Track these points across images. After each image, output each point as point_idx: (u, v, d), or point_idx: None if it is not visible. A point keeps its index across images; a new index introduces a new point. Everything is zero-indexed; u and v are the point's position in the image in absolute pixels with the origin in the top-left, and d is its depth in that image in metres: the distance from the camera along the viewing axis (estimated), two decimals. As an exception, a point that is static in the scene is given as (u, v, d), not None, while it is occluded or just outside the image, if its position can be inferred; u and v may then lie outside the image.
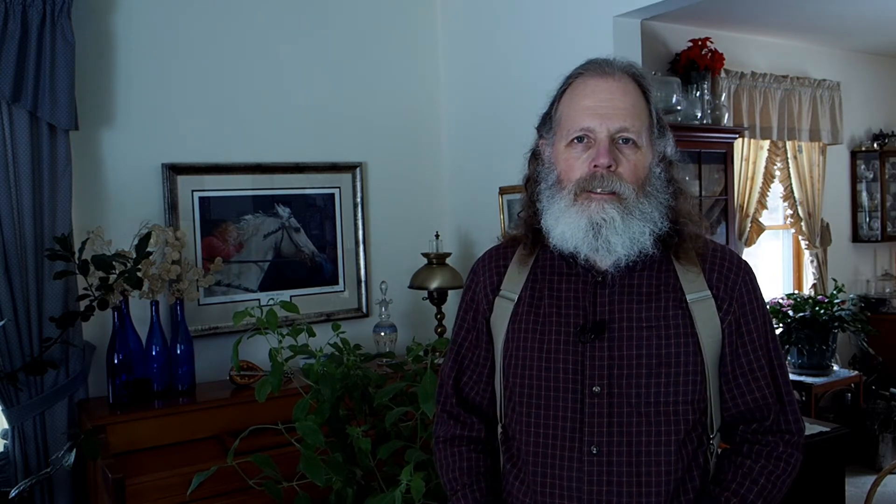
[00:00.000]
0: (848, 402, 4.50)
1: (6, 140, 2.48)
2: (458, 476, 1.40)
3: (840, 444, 2.73)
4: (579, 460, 1.26)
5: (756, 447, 1.32)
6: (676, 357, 1.26)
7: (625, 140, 1.27)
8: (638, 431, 1.25)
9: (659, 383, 1.25)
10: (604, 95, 1.28)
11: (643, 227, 1.27)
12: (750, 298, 1.33)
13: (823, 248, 4.95)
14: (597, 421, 1.26)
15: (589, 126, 1.27)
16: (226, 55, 2.98)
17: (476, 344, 1.44)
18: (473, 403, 1.45)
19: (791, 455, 1.31)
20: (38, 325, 2.53)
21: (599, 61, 1.32)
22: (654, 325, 1.28)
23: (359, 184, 3.26)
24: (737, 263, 1.35)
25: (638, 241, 1.27)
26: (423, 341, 2.28)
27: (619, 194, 1.25)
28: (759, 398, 1.31)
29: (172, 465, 2.30)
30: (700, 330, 1.28)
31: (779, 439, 1.32)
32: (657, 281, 1.31)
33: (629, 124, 1.26)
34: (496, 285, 1.42)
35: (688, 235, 1.32)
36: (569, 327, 1.31)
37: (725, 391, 1.32)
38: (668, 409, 1.25)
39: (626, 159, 1.27)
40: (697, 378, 1.27)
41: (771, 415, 1.31)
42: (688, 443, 1.27)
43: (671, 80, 3.65)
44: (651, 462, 1.25)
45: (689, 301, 1.29)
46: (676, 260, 1.32)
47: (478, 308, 1.44)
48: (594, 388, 1.27)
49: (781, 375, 1.34)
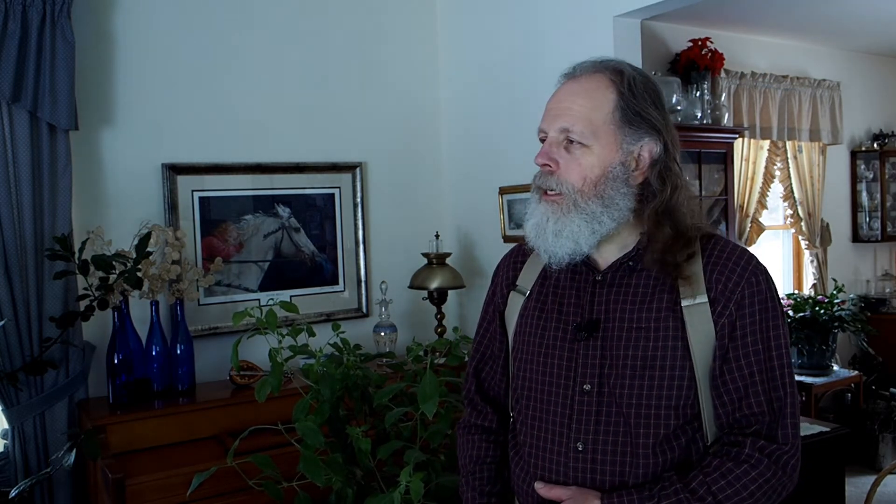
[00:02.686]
0: (848, 402, 4.50)
1: (6, 140, 2.48)
2: (468, 463, 1.48)
3: (840, 444, 2.73)
4: (566, 455, 1.29)
5: (725, 447, 1.25)
6: (662, 360, 1.25)
7: (569, 139, 1.28)
8: (624, 431, 1.26)
9: (642, 385, 1.25)
10: (560, 96, 1.32)
11: (582, 227, 1.27)
12: (752, 301, 1.25)
13: (823, 248, 4.95)
14: (584, 419, 1.28)
15: (543, 127, 1.33)
16: (226, 55, 2.98)
17: (494, 337, 1.50)
18: (491, 394, 1.51)
19: (759, 462, 1.20)
20: (38, 325, 2.53)
21: (577, 64, 1.35)
22: (645, 326, 1.27)
23: (359, 184, 3.26)
24: (743, 265, 1.27)
25: (575, 241, 1.28)
26: (423, 341, 2.29)
27: (557, 193, 1.29)
28: (745, 407, 1.24)
29: (172, 465, 2.30)
30: (691, 335, 1.25)
31: (748, 442, 1.22)
32: (655, 282, 1.30)
33: (570, 124, 1.27)
34: (512, 280, 1.48)
35: (677, 236, 1.27)
36: (567, 325, 1.33)
37: (715, 398, 1.26)
38: (650, 411, 1.24)
39: (572, 158, 1.28)
40: (684, 384, 1.24)
41: (755, 425, 1.23)
42: (673, 447, 1.25)
43: (671, 80, 3.65)
44: (632, 463, 1.25)
45: (683, 306, 1.26)
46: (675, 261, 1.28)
47: (495, 302, 1.51)
48: (584, 386, 1.28)
49: (782, 386, 1.24)
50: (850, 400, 4.49)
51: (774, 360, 1.25)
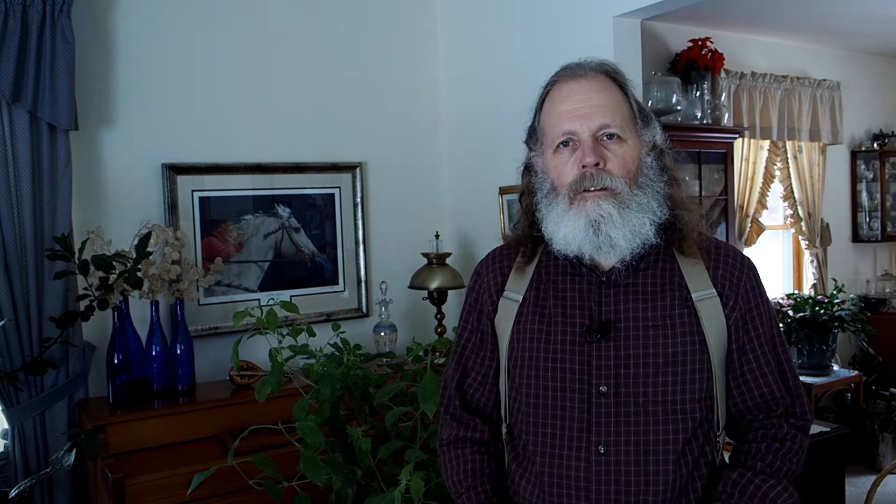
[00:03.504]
0: (848, 402, 4.50)
1: (6, 140, 2.48)
2: (464, 478, 1.41)
3: (840, 444, 2.73)
4: (587, 459, 1.27)
5: (761, 431, 1.34)
6: (683, 356, 1.27)
7: (609, 136, 1.29)
8: (645, 430, 1.26)
9: (666, 382, 1.26)
10: (580, 97, 1.30)
11: (642, 218, 1.28)
12: (755, 294, 1.34)
13: (823, 248, 4.95)
14: (604, 420, 1.27)
15: (570, 129, 1.29)
16: (226, 55, 2.98)
17: (480, 346, 1.45)
18: (477, 405, 1.46)
19: (795, 436, 1.32)
20: (38, 325, 2.53)
21: (571, 65, 1.35)
22: (661, 323, 1.28)
23: (359, 184, 3.26)
24: (741, 260, 1.36)
25: (639, 233, 1.28)
26: (423, 341, 2.28)
27: (611, 190, 1.27)
28: (767, 393, 1.33)
29: (172, 465, 2.30)
30: (706, 328, 1.29)
31: (783, 421, 1.33)
32: (662, 280, 1.31)
33: (609, 120, 1.28)
34: (500, 286, 1.43)
35: (686, 224, 1.33)
36: (574, 327, 1.31)
37: (733, 387, 1.34)
38: (676, 407, 1.26)
39: (614, 154, 1.28)
40: (704, 376, 1.28)
41: (780, 407, 1.33)
42: (693, 440, 1.28)
43: (671, 80, 3.65)
44: (659, 461, 1.25)
45: (695, 299, 1.30)
46: (680, 253, 1.33)
47: (482, 310, 1.45)
48: (601, 388, 1.27)
49: (789, 369, 1.35)
50: (850, 400, 4.49)
51: (779, 347, 1.36)
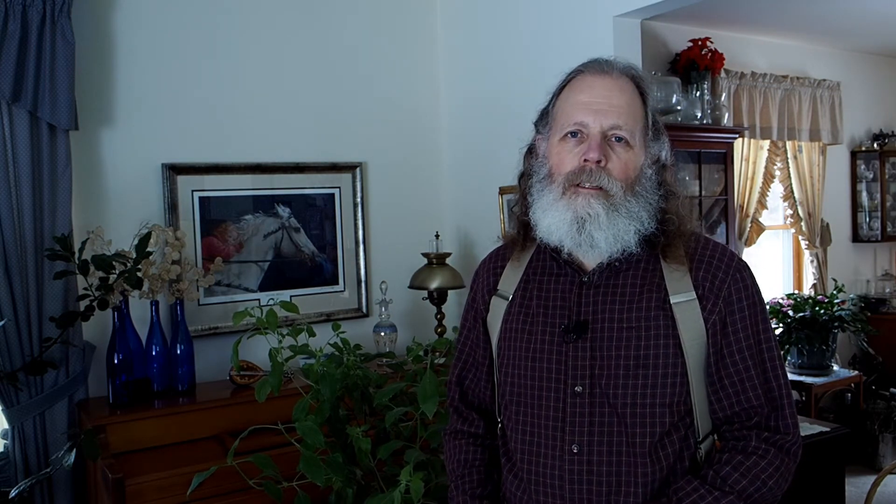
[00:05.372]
0: (848, 402, 4.50)
1: (6, 140, 2.48)
2: (456, 467, 1.48)
3: (840, 444, 2.73)
4: (561, 458, 1.28)
5: (731, 442, 1.29)
6: (655, 359, 1.26)
7: (617, 138, 1.28)
8: (618, 432, 1.26)
9: (636, 384, 1.25)
10: (600, 92, 1.29)
11: (628, 225, 1.27)
12: (739, 297, 1.28)
13: (823, 248, 4.95)
14: (578, 420, 1.27)
15: (583, 121, 1.28)
16: (225, 55, 2.98)
17: (476, 344, 1.49)
18: (475, 401, 1.51)
19: (767, 451, 1.25)
20: (38, 325, 2.53)
21: (600, 60, 1.33)
22: (635, 325, 1.27)
23: (359, 184, 3.26)
24: (727, 262, 1.31)
25: (622, 239, 1.27)
26: (423, 341, 2.28)
27: (605, 190, 1.26)
28: (745, 401, 1.27)
29: (172, 465, 2.30)
30: (682, 332, 1.26)
31: (754, 434, 1.27)
32: (642, 281, 1.30)
33: (622, 122, 1.27)
34: (493, 285, 1.46)
35: (676, 234, 1.31)
36: (554, 327, 1.32)
37: (711, 394, 1.29)
38: (645, 410, 1.25)
39: (617, 156, 1.27)
40: (677, 381, 1.26)
41: (754, 418, 1.27)
42: (668, 444, 1.27)
43: (671, 80, 3.65)
44: (630, 462, 1.25)
45: (673, 303, 1.27)
46: (664, 259, 1.31)
47: (477, 308, 1.49)
48: (576, 388, 1.28)
49: (775, 378, 1.28)
50: (850, 400, 4.49)
51: (765, 353, 1.29)
